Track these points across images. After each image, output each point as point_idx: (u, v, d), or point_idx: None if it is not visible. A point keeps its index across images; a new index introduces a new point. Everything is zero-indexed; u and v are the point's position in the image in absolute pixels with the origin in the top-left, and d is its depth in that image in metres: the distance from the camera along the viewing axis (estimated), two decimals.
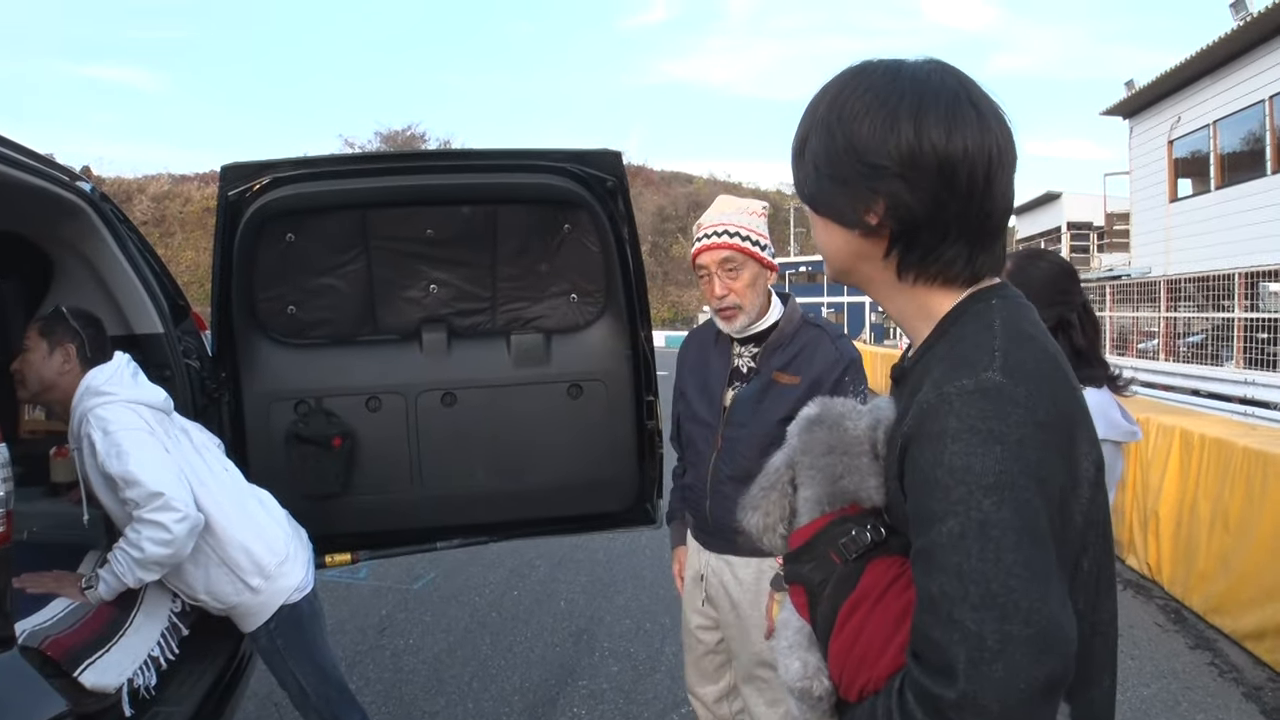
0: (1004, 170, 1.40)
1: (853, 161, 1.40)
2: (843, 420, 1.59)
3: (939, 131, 1.35)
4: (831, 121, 1.43)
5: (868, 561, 1.47)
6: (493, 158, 3.97)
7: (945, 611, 1.22)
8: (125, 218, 3.76)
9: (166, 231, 70.00)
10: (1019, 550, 1.22)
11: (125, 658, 2.96)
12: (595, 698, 5.09)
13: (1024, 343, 1.37)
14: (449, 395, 4.18)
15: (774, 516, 1.64)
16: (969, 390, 1.29)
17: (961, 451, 1.26)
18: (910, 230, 1.41)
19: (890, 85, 1.40)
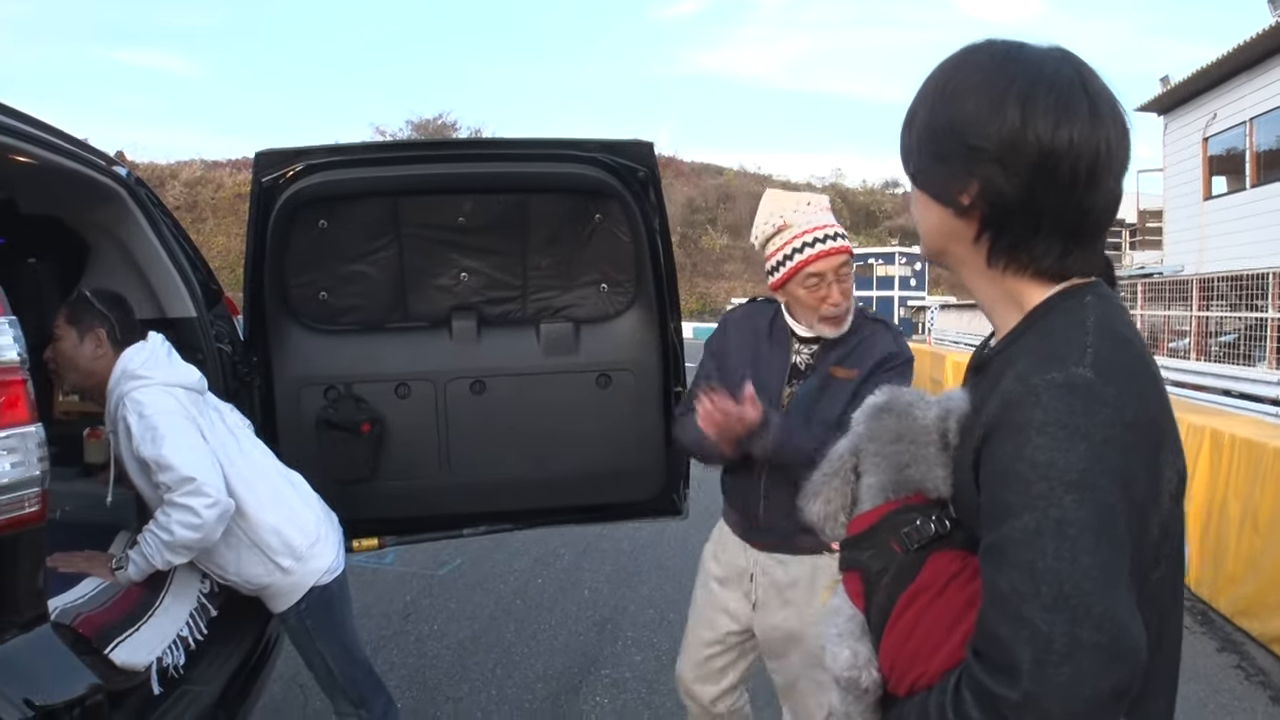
0: (1110, 168, 1.36)
1: (953, 139, 1.38)
2: (911, 409, 1.56)
3: (1046, 121, 1.31)
4: (939, 97, 1.41)
5: (930, 553, 1.45)
6: (525, 147, 3.99)
7: (1014, 609, 1.19)
8: (160, 202, 3.79)
9: (199, 217, 70.36)
10: (1096, 553, 1.19)
11: (155, 637, 2.99)
12: (618, 686, 5.11)
13: (1117, 343, 1.33)
14: (478, 383, 4.19)
15: (835, 504, 1.61)
16: (1057, 384, 1.26)
17: (1045, 446, 1.23)
18: (1002, 216, 1.38)
19: (1003, 67, 1.37)
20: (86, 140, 3.40)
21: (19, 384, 2.26)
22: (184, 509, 2.96)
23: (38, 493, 2.27)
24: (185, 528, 2.96)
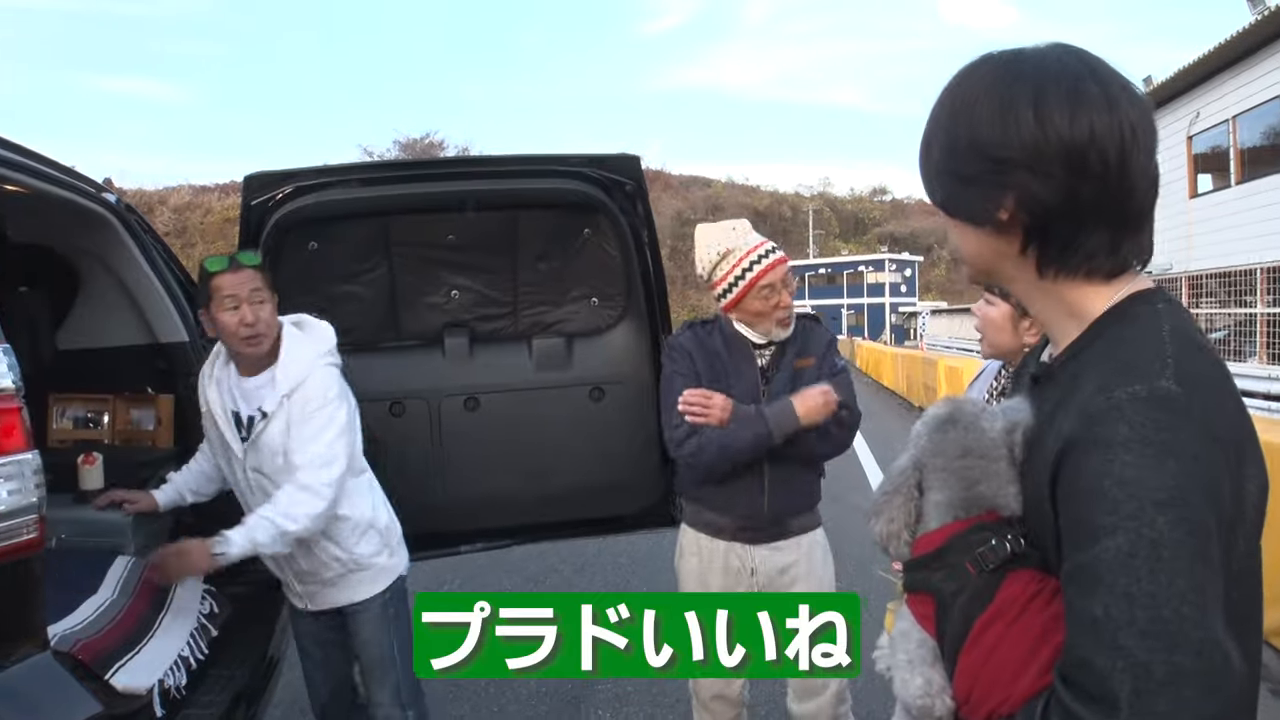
0: (1139, 147, 1.30)
1: (975, 157, 1.34)
2: (978, 421, 1.50)
3: (1061, 115, 1.27)
4: (950, 119, 1.38)
5: (1006, 574, 1.38)
6: (512, 163, 4.00)
7: (1109, 636, 1.14)
8: (150, 228, 3.81)
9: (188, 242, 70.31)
10: (1192, 575, 1.13)
11: (156, 659, 2.99)
12: (619, 700, 5.10)
13: (1195, 352, 1.28)
14: (472, 400, 4.20)
15: (899, 523, 1.53)
16: (1142, 397, 1.20)
17: (1134, 463, 1.17)
18: (1044, 223, 1.32)
19: (1007, 74, 1.34)
20: (75, 168, 3.41)
21: (14, 411, 2.28)
22: (314, 496, 3.10)
23: (35, 519, 2.28)
24: (309, 516, 3.10)
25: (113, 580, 3.23)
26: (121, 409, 4.11)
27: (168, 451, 3.88)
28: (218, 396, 3.28)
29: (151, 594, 3.25)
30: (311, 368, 3.23)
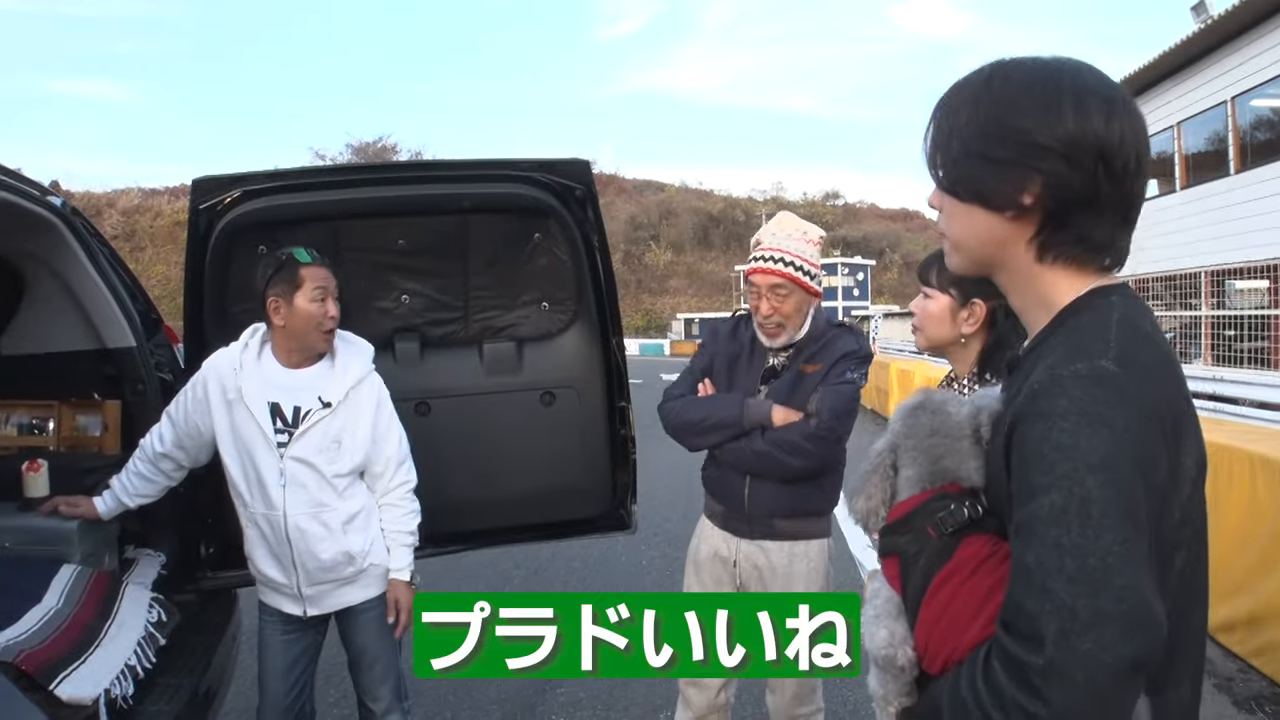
0: (1146, 158, 1.45)
1: (1014, 141, 1.43)
2: (945, 405, 1.67)
3: (1099, 117, 1.40)
4: (989, 105, 1.46)
5: (962, 538, 1.54)
6: (462, 168, 4.00)
7: (1040, 581, 1.26)
8: (97, 231, 3.77)
9: (137, 246, 69.62)
10: (1118, 530, 1.25)
11: (102, 669, 2.96)
12: (574, 705, 5.12)
13: (1139, 339, 1.41)
14: (423, 404, 4.18)
15: (876, 499, 1.69)
16: (1081, 374, 1.33)
17: (1070, 430, 1.30)
18: (1065, 210, 1.44)
19: (1046, 73, 1.45)
20: (20, 170, 3.37)
21: None
22: (409, 484, 3.55)
23: None
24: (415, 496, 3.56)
25: (58, 589, 3.20)
26: (67, 415, 4.06)
27: (115, 457, 3.83)
28: (254, 386, 3.33)
29: (97, 602, 3.22)
30: (370, 368, 3.49)
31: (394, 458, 3.48)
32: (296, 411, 3.33)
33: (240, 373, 3.33)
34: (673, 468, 10.21)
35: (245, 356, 3.37)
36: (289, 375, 3.38)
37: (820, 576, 3.52)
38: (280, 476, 3.30)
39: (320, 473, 3.32)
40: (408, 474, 3.53)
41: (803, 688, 3.54)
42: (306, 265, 3.31)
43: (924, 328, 2.86)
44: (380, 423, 3.46)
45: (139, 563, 3.72)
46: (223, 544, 3.95)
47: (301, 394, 3.34)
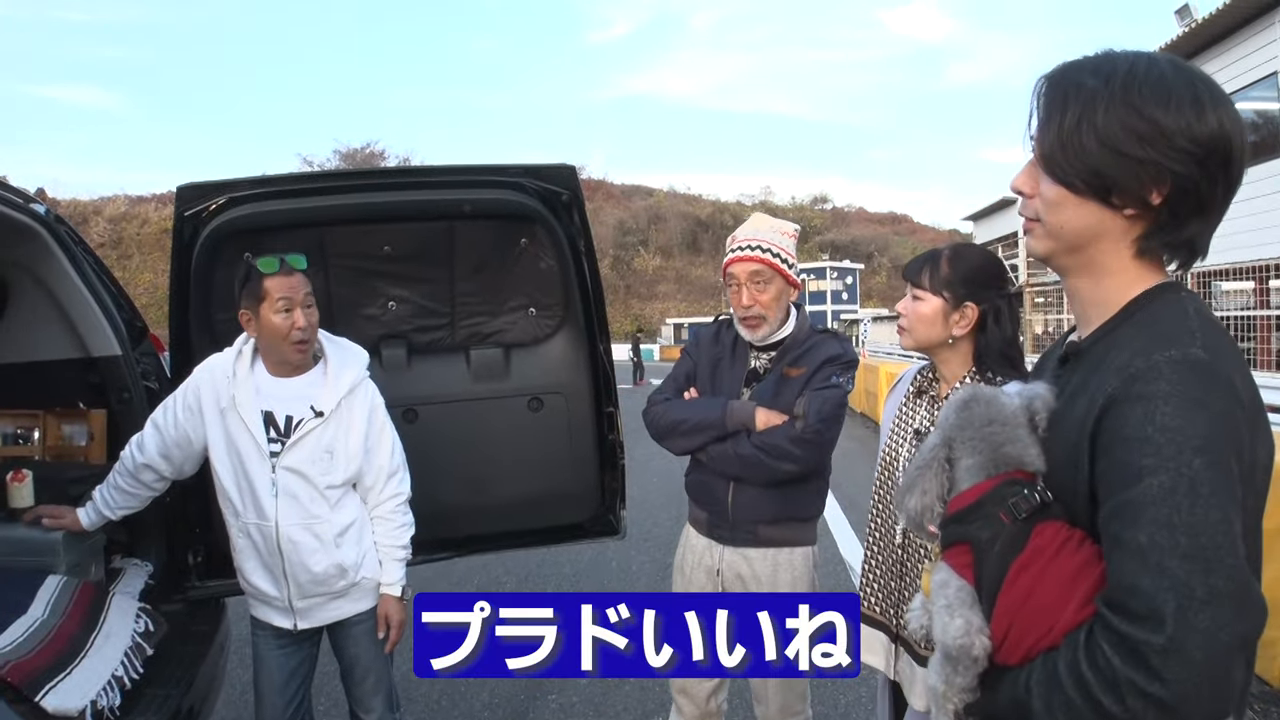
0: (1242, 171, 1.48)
1: (1156, 141, 1.43)
2: (997, 396, 1.67)
3: (1233, 122, 1.43)
4: (1129, 101, 1.45)
5: (1035, 524, 1.53)
6: (448, 174, 3.98)
7: (1155, 560, 1.28)
8: (81, 239, 3.75)
9: (124, 254, 69.35)
10: (1225, 510, 1.29)
11: (88, 679, 2.94)
12: (565, 711, 5.10)
13: (1218, 330, 1.45)
14: (410, 412, 4.17)
15: (932, 494, 1.68)
16: (1177, 360, 1.37)
17: (1174, 413, 1.33)
18: (1184, 209, 1.46)
19: (1181, 74, 1.46)
20: (4, 178, 3.35)
21: None
22: (409, 498, 3.53)
23: None
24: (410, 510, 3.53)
25: (43, 600, 3.18)
26: (52, 424, 4.04)
27: (101, 467, 3.80)
28: (246, 395, 3.30)
29: (83, 613, 3.20)
30: (364, 376, 3.45)
31: (385, 469, 3.44)
32: (289, 421, 3.30)
33: (234, 381, 3.31)
34: (663, 472, 10.23)
35: (239, 364, 3.35)
36: (281, 384, 3.35)
37: (805, 583, 3.49)
38: (272, 487, 3.27)
39: (312, 483, 3.28)
40: (399, 486, 3.49)
41: (789, 696, 3.52)
42: (270, 276, 3.24)
43: (912, 329, 2.87)
44: (372, 433, 3.41)
45: (126, 573, 3.69)
46: (211, 553, 3.93)
47: (294, 403, 3.31)
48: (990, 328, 2.76)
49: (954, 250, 2.90)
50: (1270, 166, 17.08)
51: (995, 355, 2.76)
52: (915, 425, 2.89)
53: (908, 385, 3.03)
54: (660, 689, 5.20)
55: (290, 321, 3.24)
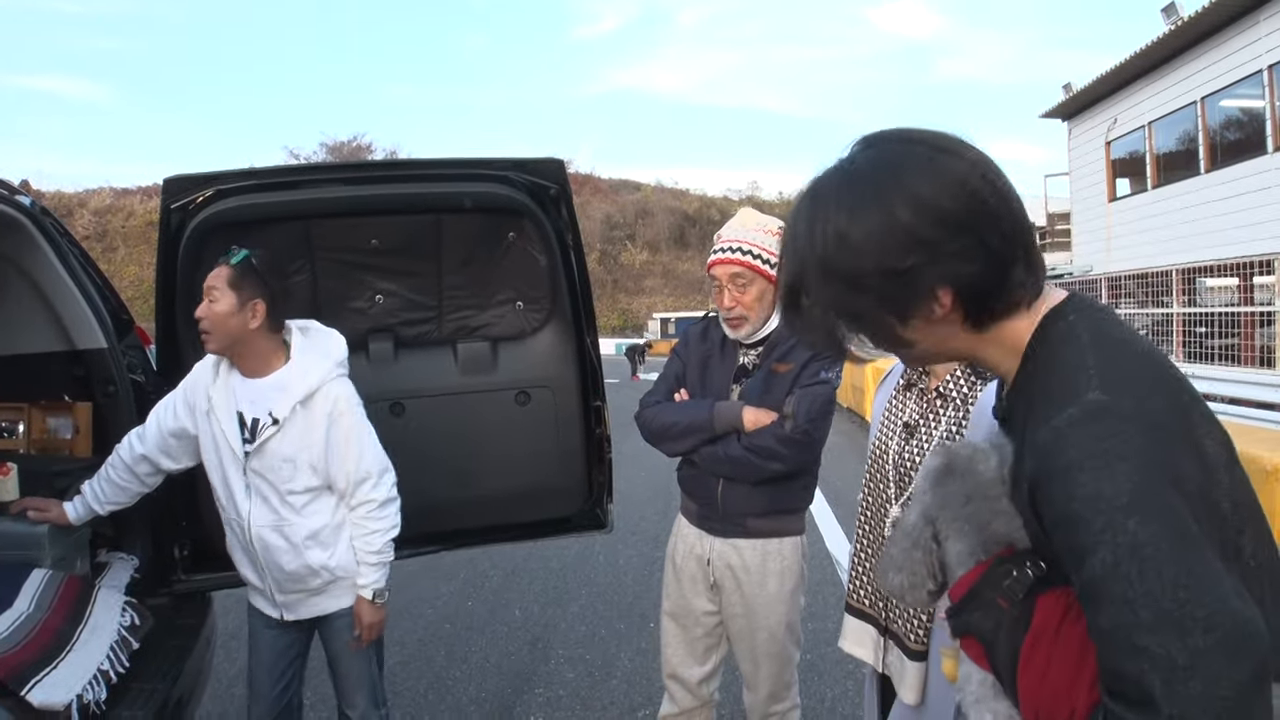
0: (1003, 179, 1.41)
1: (886, 278, 1.39)
2: (973, 465, 1.58)
3: (934, 191, 1.35)
4: (833, 265, 1.41)
5: (1036, 599, 1.46)
6: (436, 167, 3.97)
7: (1125, 641, 1.21)
8: (66, 231, 3.73)
9: (109, 246, 68.94)
10: (1178, 561, 1.20)
11: (73, 674, 2.93)
12: (552, 705, 5.11)
13: (1115, 350, 1.37)
14: (397, 405, 4.17)
15: (920, 575, 1.63)
16: (1076, 418, 1.29)
17: (1089, 480, 1.25)
18: (979, 288, 1.41)
19: (852, 190, 1.40)
20: None
21: None
22: (391, 501, 3.39)
23: None
24: (395, 514, 3.41)
25: (29, 594, 3.16)
26: (37, 417, 4.02)
27: (87, 461, 3.79)
28: (222, 396, 3.29)
29: (69, 607, 3.19)
30: (327, 377, 3.32)
31: (354, 475, 3.32)
32: (255, 424, 3.28)
33: (214, 383, 3.32)
34: (650, 466, 10.21)
35: (221, 365, 3.35)
36: (250, 385, 3.32)
37: (794, 575, 3.53)
38: (246, 488, 3.28)
39: (277, 489, 3.26)
40: (371, 492, 3.35)
41: (778, 685, 3.56)
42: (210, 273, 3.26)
43: None
44: (335, 439, 3.29)
45: (112, 566, 3.68)
46: (197, 547, 3.92)
47: (258, 405, 3.28)
48: None
49: None
50: (1255, 164, 17.23)
51: None
52: (904, 418, 2.89)
53: (897, 378, 3.04)
54: (647, 682, 5.21)
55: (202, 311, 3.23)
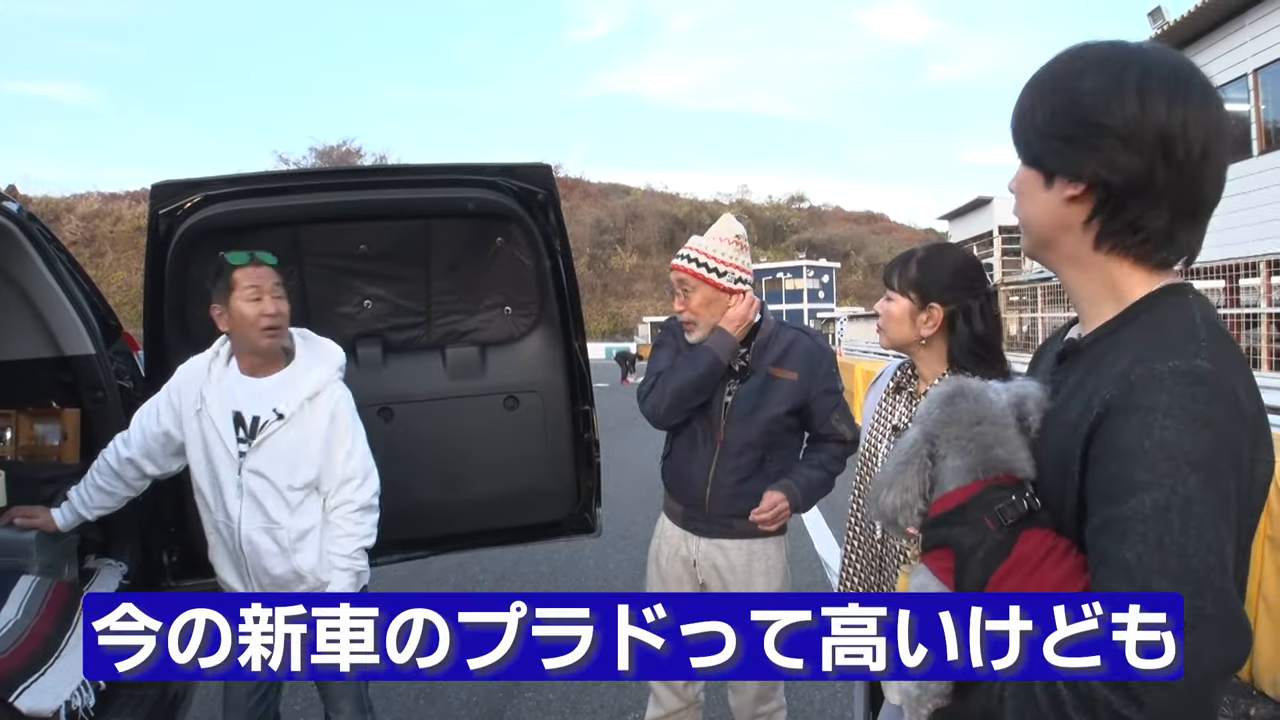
0: (1219, 149, 1.41)
1: (1075, 120, 1.42)
2: (985, 393, 1.62)
3: (1161, 101, 1.37)
4: (1056, 84, 1.46)
5: (1021, 531, 1.49)
6: (424, 173, 3.99)
7: (1141, 580, 1.24)
8: (54, 237, 3.73)
9: (97, 251, 68.84)
10: (1217, 532, 1.24)
11: (62, 680, 2.94)
12: (542, 709, 5.11)
13: (1225, 339, 1.39)
14: (386, 410, 4.17)
15: (913, 492, 1.63)
16: (1181, 371, 1.30)
17: (1173, 427, 1.27)
18: (1120, 195, 1.42)
19: (1115, 53, 1.43)
20: None
21: None
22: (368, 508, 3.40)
23: None
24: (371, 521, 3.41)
25: (16, 600, 3.17)
26: (25, 424, 4.02)
27: (74, 467, 3.79)
28: (217, 395, 3.30)
29: (57, 613, 3.20)
30: (330, 379, 3.39)
31: (340, 475, 3.36)
32: (255, 421, 3.30)
33: (207, 382, 3.32)
34: (640, 470, 10.23)
35: (215, 365, 3.36)
36: (250, 384, 3.35)
37: (779, 574, 3.57)
38: (238, 489, 3.28)
39: (275, 486, 3.27)
40: (354, 493, 3.37)
41: (764, 686, 3.58)
42: (240, 267, 3.27)
43: (887, 329, 2.94)
44: (333, 437, 3.35)
45: (100, 573, 3.68)
46: (185, 552, 3.93)
47: (261, 404, 3.31)
48: (959, 328, 2.80)
49: (927, 252, 2.94)
50: (1240, 167, 17.26)
51: (966, 355, 2.80)
52: (894, 421, 2.94)
53: (887, 381, 3.07)
54: (636, 686, 5.21)
55: (259, 309, 3.25)
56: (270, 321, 3.27)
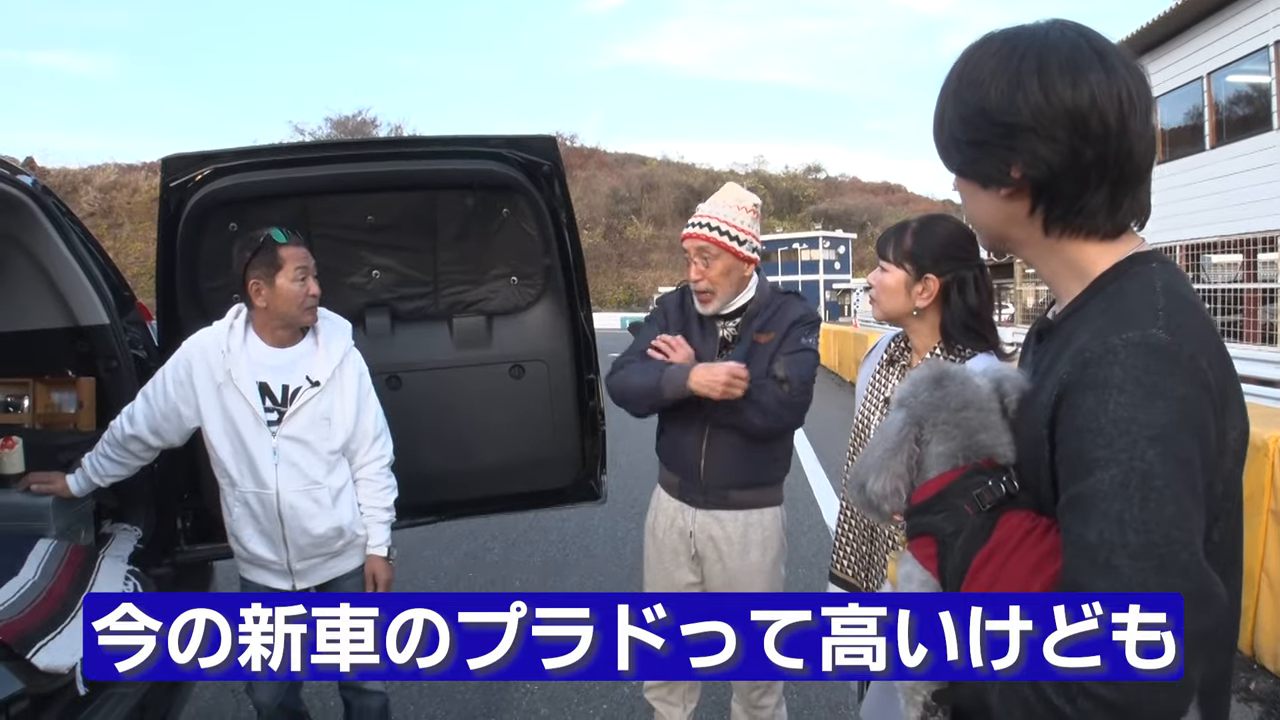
0: (1137, 112, 1.40)
1: (985, 124, 1.43)
2: (970, 378, 1.62)
3: (1063, 82, 1.37)
4: (961, 91, 1.46)
5: (1000, 514, 1.49)
6: (430, 144, 4.04)
7: (1104, 558, 1.23)
8: (68, 210, 3.78)
9: (114, 223, 68.95)
10: (1180, 504, 1.23)
11: (77, 639, 3.00)
12: (531, 712, 5.08)
13: (1186, 307, 1.37)
14: (394, 378, 4.23)
15: (904, 479, 1.62)
16: (1134, 343, 1.30)
17: (1127, 402, 1.26)
18: (1050, 184, 1.42)
19: (1010, 47, 1.43)
20: None
21: None
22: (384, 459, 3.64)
23: None
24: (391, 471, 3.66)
25: (34, 562, 3.24)
26: (42, 392, 4.08)
27: (90, 434, 3.86)
28: (244, 368, 3.40)
29: (73, 576, 3.27)
30: (351, 345, 3.57)
31: (370, 432, 3.56)
32: (285, 390, 3.41)
33: (228, 355, 3.38)
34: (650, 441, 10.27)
35: (231, 338, 3.42)
36: (275, 354, 3.45)
37: (775, 545, 3.59)
38: (273, 455, 3.37)
39: (314, 450, 3.41)
40: (383, 449, 3.62)
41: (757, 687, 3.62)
42: (285, 246, 3.36)
43: (881, 300, 2.92)
44: (361, 398, 3.55)
45: (115, 537, 3.75)
46: (199, 517, 4.01)
47: (289, 373, 3.43)
48: (954, 299, 2.79)
49: (921, 222, 2.93)
50: (1259, 140, 17.15)
51: (959, 327, 2.79)
52: (886, 394, 2.94)
53: (880, 353, 3.09)
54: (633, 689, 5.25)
55: (307, 289, 3.40)
56: (314, 302, 3.44)
